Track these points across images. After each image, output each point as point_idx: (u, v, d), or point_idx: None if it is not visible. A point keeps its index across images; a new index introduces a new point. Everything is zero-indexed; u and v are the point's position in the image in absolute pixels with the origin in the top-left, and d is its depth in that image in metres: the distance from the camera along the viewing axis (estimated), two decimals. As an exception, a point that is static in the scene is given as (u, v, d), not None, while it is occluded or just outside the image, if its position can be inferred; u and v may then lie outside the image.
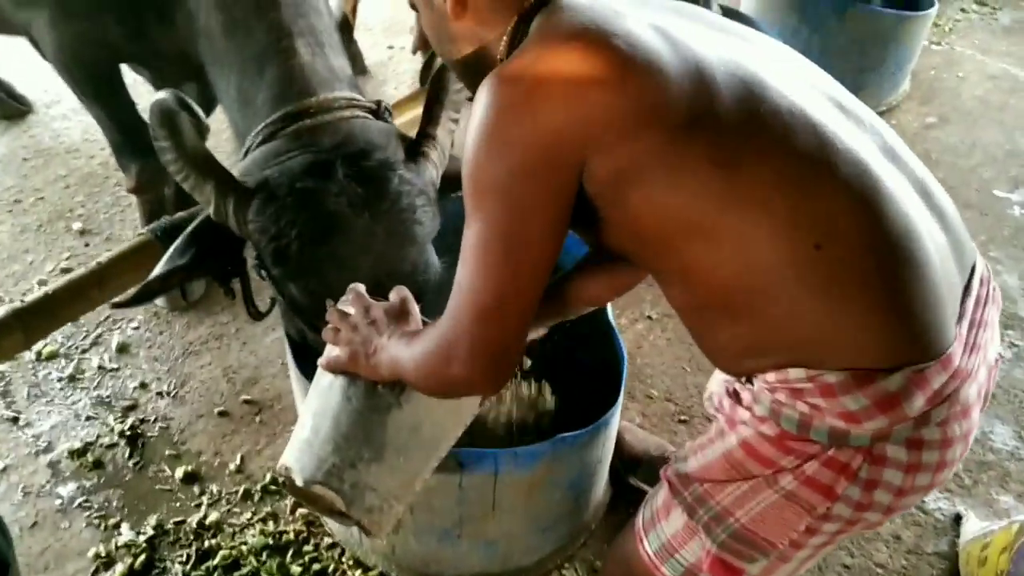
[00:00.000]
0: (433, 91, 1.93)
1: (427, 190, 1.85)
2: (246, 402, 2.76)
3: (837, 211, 1.19)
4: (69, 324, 2.84)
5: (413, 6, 1.50)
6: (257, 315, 2.09)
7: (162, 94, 1.62)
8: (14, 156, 3.76)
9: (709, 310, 1.32)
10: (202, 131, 1.68)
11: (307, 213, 1.71)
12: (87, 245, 3.32)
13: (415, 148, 1.88)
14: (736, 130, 1.20)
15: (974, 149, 4.11)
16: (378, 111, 1.93)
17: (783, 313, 1.23)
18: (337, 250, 1.72)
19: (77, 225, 3.40)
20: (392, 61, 4.51)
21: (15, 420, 2.66)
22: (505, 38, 1.37)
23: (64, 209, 3.49)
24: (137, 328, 2.99)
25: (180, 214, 2.24)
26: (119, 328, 2.98)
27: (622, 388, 2.07)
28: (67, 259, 3.25)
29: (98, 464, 2.53)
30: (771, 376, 1.29)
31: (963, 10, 5.40)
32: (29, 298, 1.97)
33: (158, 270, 1.79)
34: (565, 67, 1.21)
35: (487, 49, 1.42)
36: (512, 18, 1.36)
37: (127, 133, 2.67)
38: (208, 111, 2.77)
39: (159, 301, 3.01)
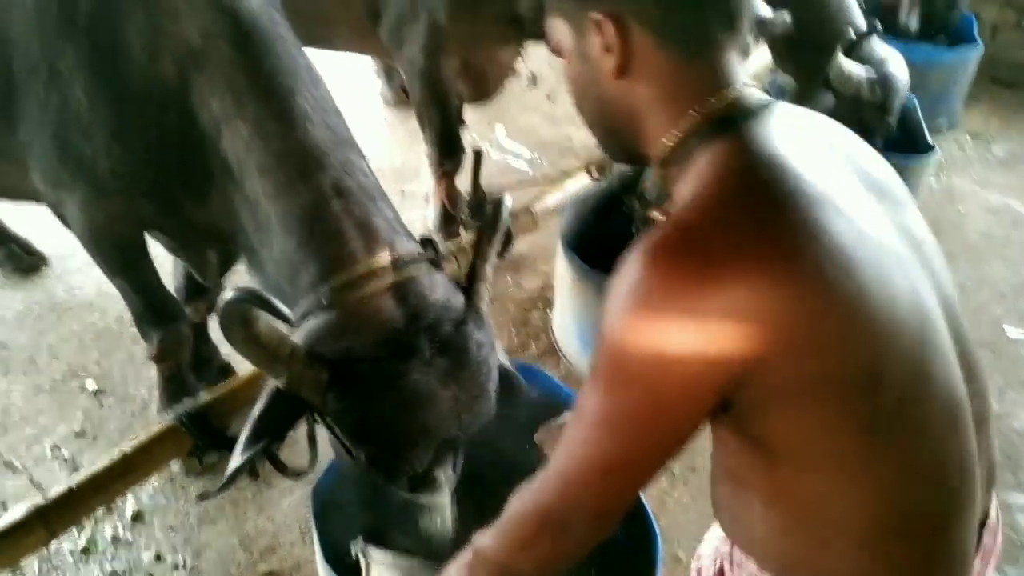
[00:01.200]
0: (482, 230, 1.96)
1: (492, 340, 1.91)
2: (265, 573, 2.69)
3: (929, 501, 1.17)
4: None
5: (557, 52, 1.31)
6: (295, 476, 2.02)
7: (231, 293, 1.62)
8: (29, 312, 3.77)
9: (762, 506, 1.25)
10: (289, 321, 1.69)
11: (397, 396, 1.72)
12: (102, 406, 3.29)
13: (471, 291, 1.92)
14: (896, 400, 1.11)
15: (982, 286, 4.14)
16: (436, 259, 1.96)
17: (828, 555, 1.20)
18: (426, 425, 1.76)
19: (91, 384, 3.38)
20: (403, 207, 4.55)
21: (26, 599, 2.60)
22: (673, 139, 1.19)
23: (78, 367, 3.47)
24: (152, 495, 2.93)
25: (203, 397, 2.24)
26: (134, 495, 2.92)
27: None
28: (81, 421, 3.22)
29: (112, 648, 2.46)
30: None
31: (957, 142, 5.52)
32: (52, 493, 1.94)
33: (241, 459, 1.74)
34: (759, 260, 1.04)
35: (641, 131, 1.24)
36: (686, 112, 1.18)
37: (151, 303, 2.68)
38: (225, 270, 2.80)
39: (175, 467, 2.97)
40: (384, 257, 1.87)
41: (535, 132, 5.47)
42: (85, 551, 2.73)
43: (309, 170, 1.97)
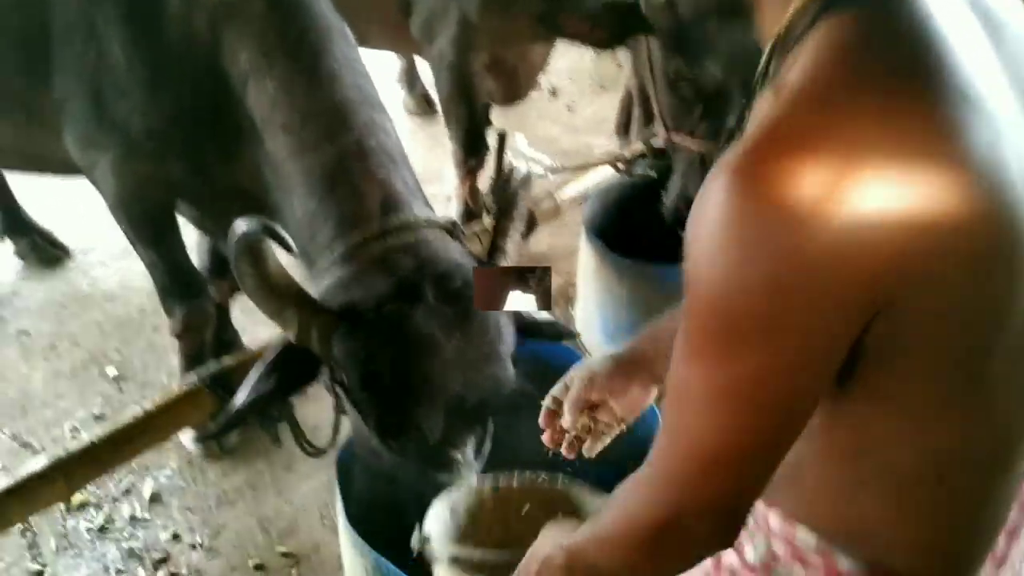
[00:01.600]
0: (502, 208, 1.96)
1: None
2: (283, 554, 2.65)
3: (983, 459, 1.04)
4: (101, 472, 2.77)
5: None
6: (314, 452, 2.01)
7: (245, 222, 1.62)
8: (51, 302, 3.76)
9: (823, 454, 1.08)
10: (291, 251, 1.69)
11: (399, 337, 1.70)
12: (121, 391, 3.28)
13: (489, 263, 1.90)
14: (1012, 348, 0.95)
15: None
16: (453, 230, 1.96)
17: (859, 495, 1.07)
18: (428, 373, 1.71)
19: (111, 370, 3.36)
20: (424, 207, 4.57)
21: (40, 574, 2.55)
22: (793, 7, 0.92)
23: (99, 354, 3.46)
24: (170, 476, 2.91)
25: (227, 361, 2.22)
26: (152, 476, 2.90)
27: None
28: (100, 405, 3.20)
29: (127, 623, 2.42)
30: (774, 522, 1.14)
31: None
32: (72, 447, 1.92)
33: (244, 397, 1.74)
34: (887, 167, 0.81)
35: None
36: None
37: (177, 276, 2.67)
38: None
39: (190, 446, 2.94)
40: (400, 217, 1.87)
41: (556, 142, 5.47)
42: (102, 529, 2.71)
43: (334, 130, 1.98)
